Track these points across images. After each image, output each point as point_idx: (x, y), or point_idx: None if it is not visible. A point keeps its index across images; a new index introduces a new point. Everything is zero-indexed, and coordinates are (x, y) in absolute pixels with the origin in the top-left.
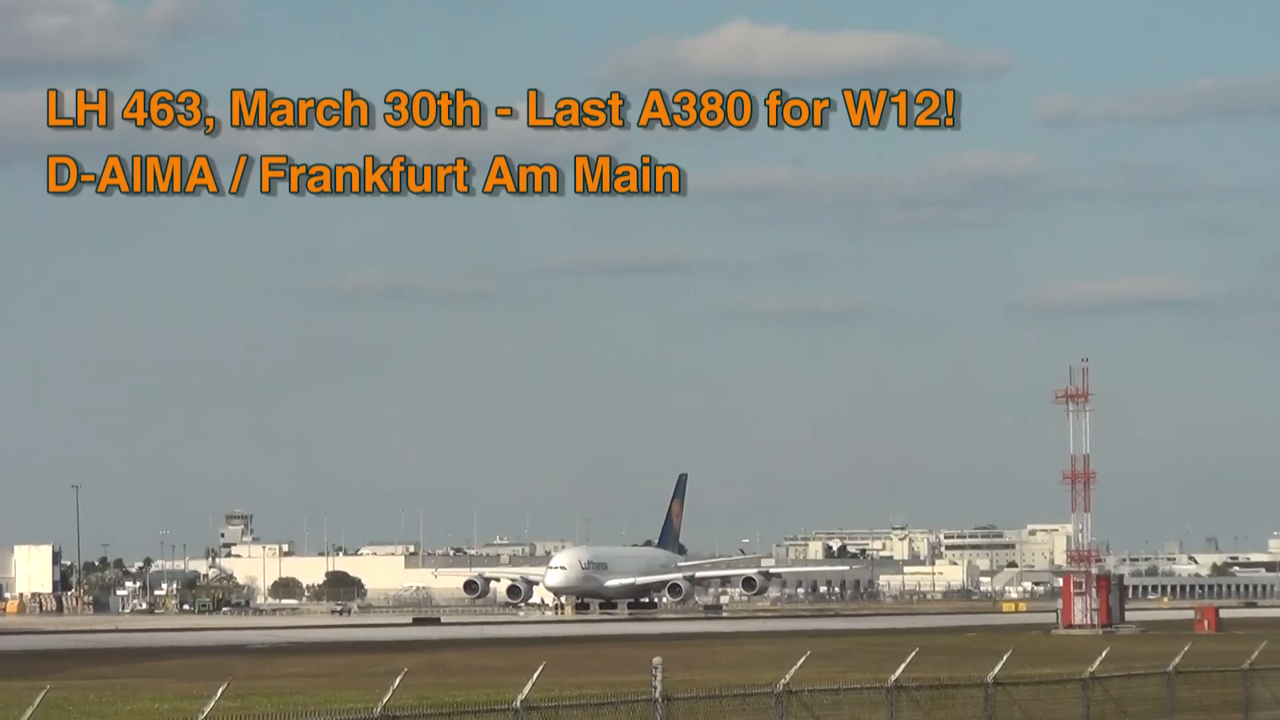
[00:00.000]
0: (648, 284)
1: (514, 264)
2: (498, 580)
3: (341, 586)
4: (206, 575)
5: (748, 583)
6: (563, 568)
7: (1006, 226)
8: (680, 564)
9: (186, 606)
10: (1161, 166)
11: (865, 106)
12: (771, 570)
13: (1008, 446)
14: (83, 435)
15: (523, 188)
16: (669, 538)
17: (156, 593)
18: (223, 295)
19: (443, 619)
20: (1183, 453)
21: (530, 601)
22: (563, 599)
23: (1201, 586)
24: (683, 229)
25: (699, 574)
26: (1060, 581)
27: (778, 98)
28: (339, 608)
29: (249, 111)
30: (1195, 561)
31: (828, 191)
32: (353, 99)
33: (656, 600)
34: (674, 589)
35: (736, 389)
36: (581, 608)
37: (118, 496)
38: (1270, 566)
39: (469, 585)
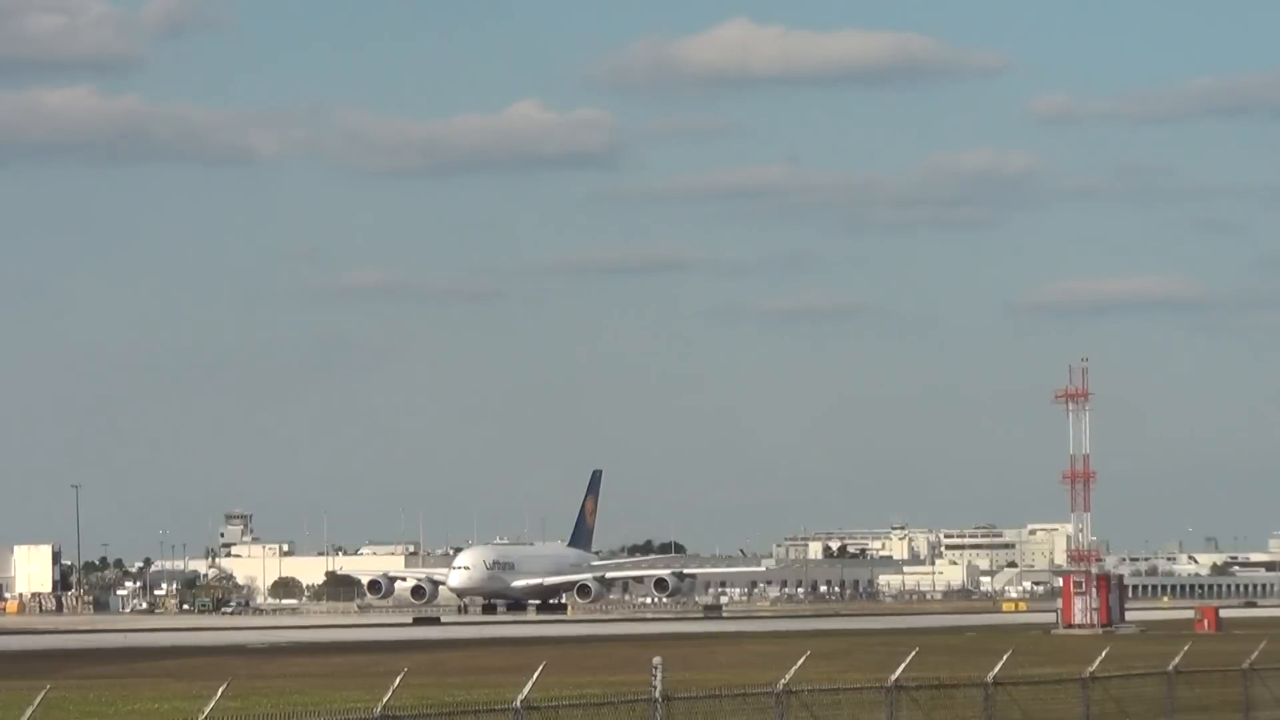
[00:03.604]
0: (646, 284)
1: (514, 264)
2: (403, 580)
3: (341, 586)
4: (206, 575)
5: (660, 584)
6: (466, 568)
7: (1003, 226)
8: (593, 564)
9: (186, 606)
10: (1159, 166)
11: (863, 105)
12: (685, 571)
13: (1008, 446)
14: (83, 435)
15: (523, 187)
16: (582, 536)
17: (156, 593)
18: (222, 295)
19: (442, 619)
20: (1183, 453)
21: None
22: (565, 598)
23: (1201, 586)
24: (680, 229)
25: (610, 574)
26: (1060, 581)
27: (775, 96)
28: (229, 608)
29: (247, 110)
30: (1195, 561)
31: (824, 190)
32: (349, 99)
33: (566, 601)
34: (583, 589)
35: (735, 388)
36: (488, 609)
37: (118, 496)
38: (1270, 566)
39: (373, 585)
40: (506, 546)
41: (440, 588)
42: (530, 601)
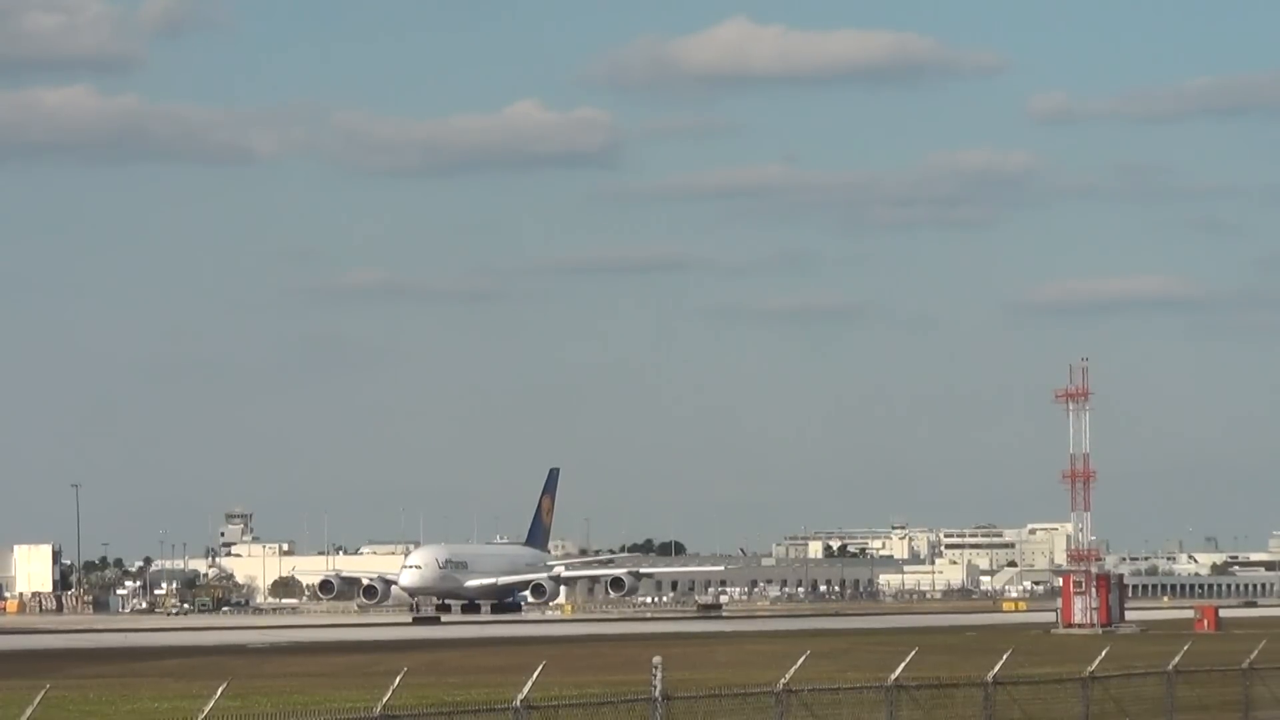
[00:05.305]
0: (646, 283)
1: (513, 264)
2: (357, 579)
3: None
4: (206, 575)
5: (615, 583)
6: (418, 567)
7: (1002, 225)
8: (549, 563)
9: (187, 606)
10: (1158, 165)
11: (861, 105)
12: (642, 571)
13: (1008, 446)
14: (83, 435)
15: (523, 187)
16: (538, 535)
17: (156, 592)
18: (222, 294)
19: (443, 618)
20: (1183, 453)
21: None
22: (561, 599)
23: (1201, 586)
24: (680, 229)
25: (566, 574)
26: (1060, 581)
27: (774, 96)
28: (174, 609)
29: (245, 110)
30: (1195, 561)
31: (823, 190)
32: (349, 99)
33: (521, 602)
34: (537, 589)
35: (735, 388)
36: (442, 609)
37: (118, 496)
38: (1270, 566)
39: (324, 585)
40: (460, 545)
41: (393, 587)
42: (484, 601)
